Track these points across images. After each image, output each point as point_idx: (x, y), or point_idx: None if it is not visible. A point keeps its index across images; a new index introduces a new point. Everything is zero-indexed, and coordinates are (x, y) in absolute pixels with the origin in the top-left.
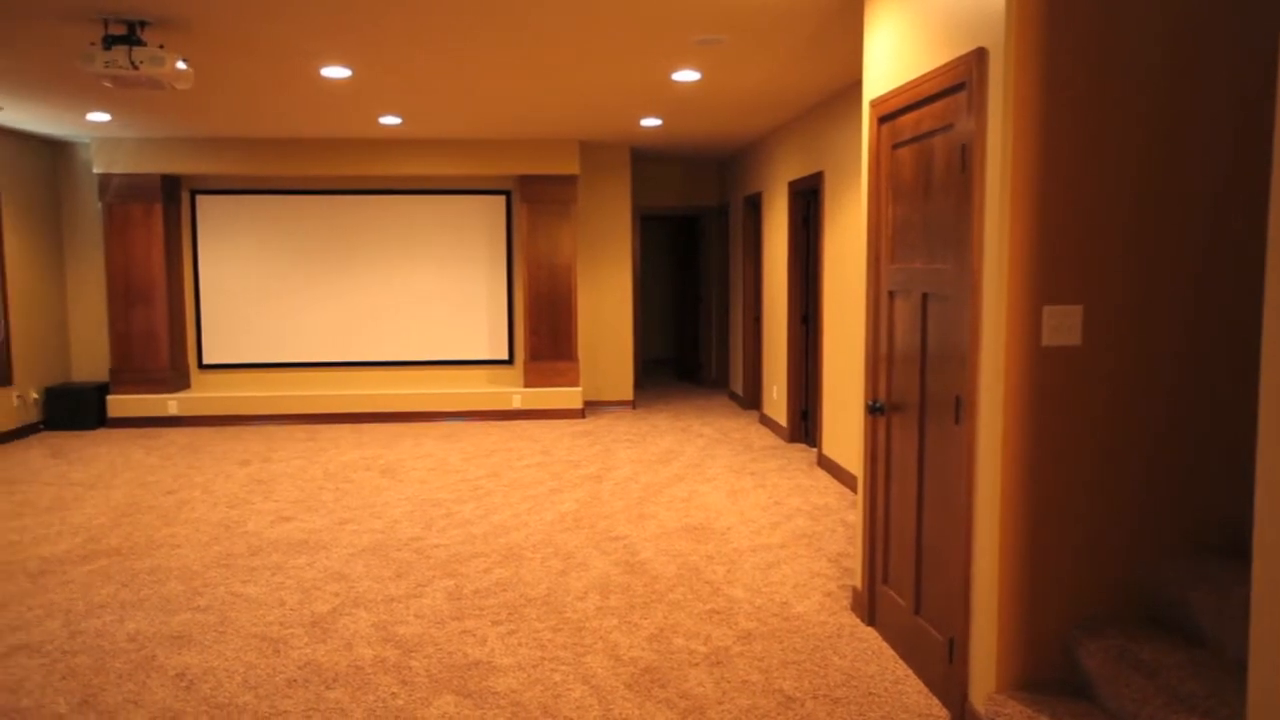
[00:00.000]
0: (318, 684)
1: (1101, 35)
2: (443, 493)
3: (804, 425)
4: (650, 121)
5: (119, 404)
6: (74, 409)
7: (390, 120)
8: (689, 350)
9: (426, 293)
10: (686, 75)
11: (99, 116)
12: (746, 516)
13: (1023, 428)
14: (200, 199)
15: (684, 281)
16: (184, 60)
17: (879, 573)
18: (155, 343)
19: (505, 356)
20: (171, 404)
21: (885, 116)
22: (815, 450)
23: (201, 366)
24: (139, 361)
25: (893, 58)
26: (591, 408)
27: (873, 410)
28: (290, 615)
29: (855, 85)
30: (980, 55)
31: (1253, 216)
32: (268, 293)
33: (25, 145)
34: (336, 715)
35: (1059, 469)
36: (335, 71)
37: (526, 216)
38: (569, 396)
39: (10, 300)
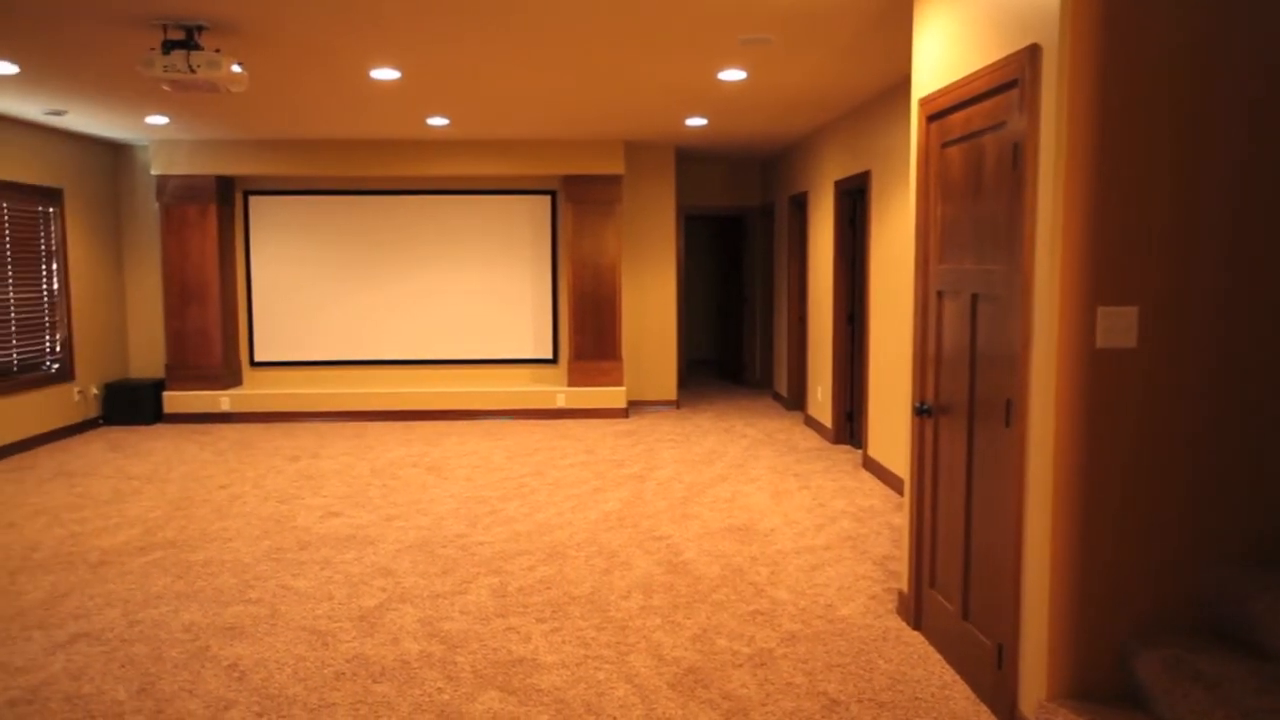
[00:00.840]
0: (365, 677)
1: (1159, 30)
2: (488, 490)
3: (849, 427)
4: (695, 121)
5: (174, 400)
6: (132, 404)
7: (438, 121)
8: (732, 350)
9: (472, 292)
10: (732, 75)
11: (157, 119)
12: (790, 518)
13: (1075, 431)
14: (253, 200)
15: (728, 281)
16: (239, 64)
17: (925, 576)
18: (209, 340)
19: (550, 356)
20: (224, 400)
21: (934, 115)
22: (860, 452)
23: (253, 364)
24: (193, 359)
25: (942, 55)
26: (635, 407)
27: (920, 412)
28: (338, 609)
29: (903, 83)
30: (1033, 52)
31: None
32: (317, 292)
33: (87, 148)
34: (383, 709)
35: (1112, 474)
36: (384, 74)
37: (571, 216)
38: (613, 396)
39: (73, 299)
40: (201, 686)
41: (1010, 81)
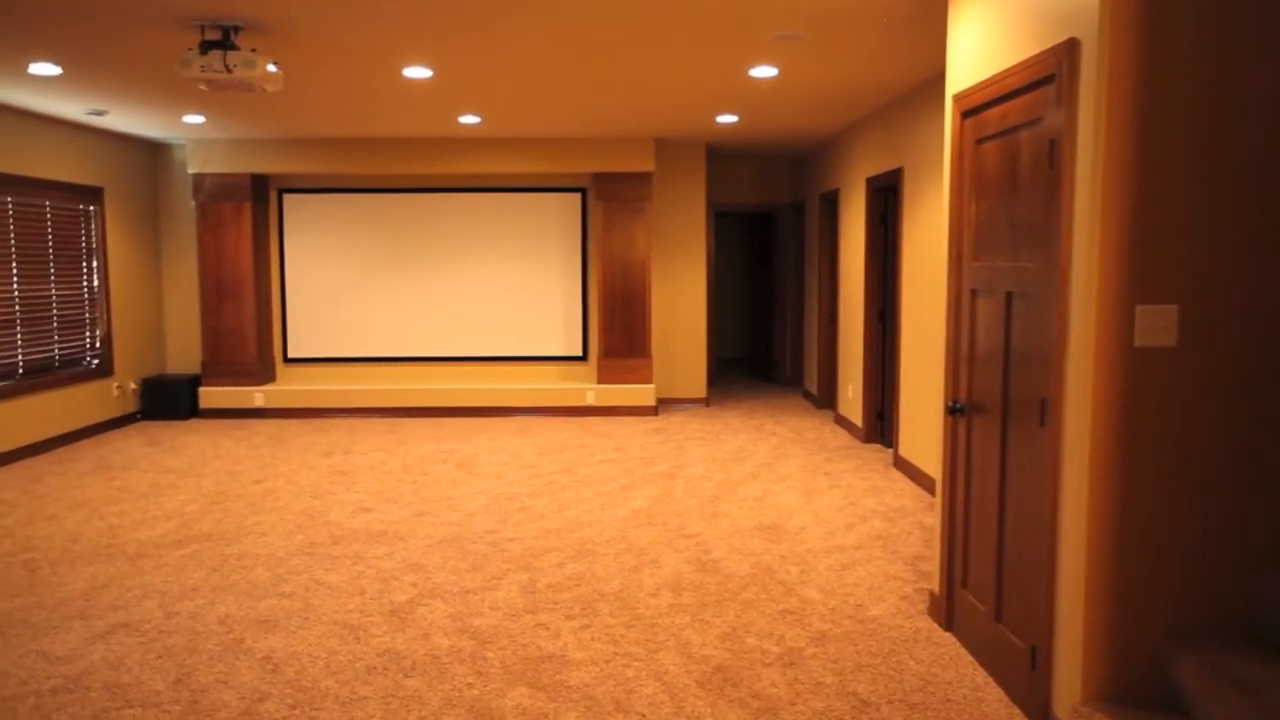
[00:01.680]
0: (396, 672)
1: (1200, 24)
2: (517, 487)
3: (880, 425)
4: (726, 118)
5: (209, 395)
6: (168, 399)
7: (469, 119)
8: (762, 348)
9: (503, 289)
10: (764, 71)
11: (194, 119)
12: (821, 517)
13: (1112, 431)
14: (287, 197)
15: (758, 279)
16: (274, 63)
17: (958, 577)
18: (243, 337)
19: (579, 353)
20: (258, 396)
21: (969, 111)
22: (891, 451)
23: (286, 360)
24: (228, 355)
25: (978, 50)
26: (664, 405)
27: (953, 411)
28: (370, 604)
29: (936, 79)
30: (1071, 46)
31: None
32: (350, 289)
33: (126, 147)
34: (414, 703)
35: (1150, 475)
36: (417, 72)
37: (602, 214)
38: (642, 393)
39: (112, 296)
40: (236, 678)
41: (1047, 76)
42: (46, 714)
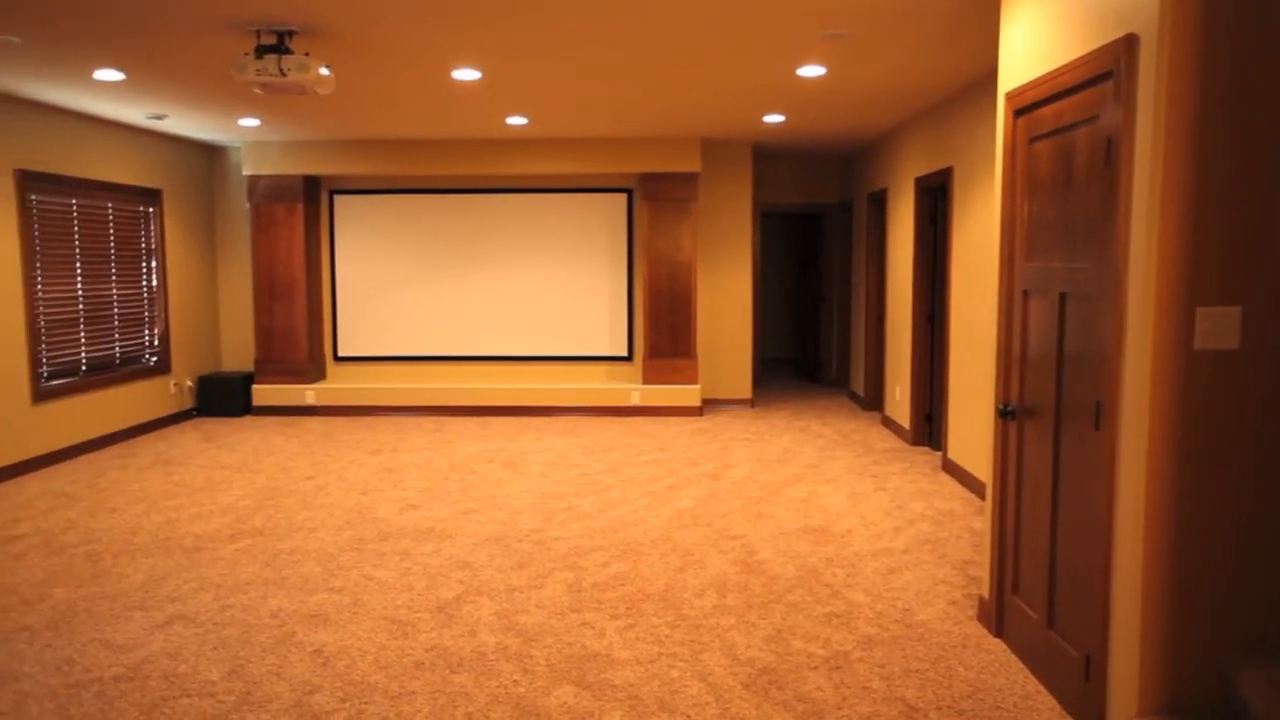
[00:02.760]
0: (443, 668)
1: (1264, 18)
2: (563, 486)
3: (928, 428)
4: (773, 118)
5: (262, 393)
6: (223, 397)
7: (517, 120)
8: (808, 349)
9: (549, 289)
10: (811, 71)
11: (249, 122)
12: (867, 520)
13: (1170, 435)
14: (338, 198)
15: (804, 279)
16: (327, 66)
17: (1008, 582)
18: (295, 336)
19: (625, 353)
20: (309, 394)
21: (1022, 109)
22: (939, 454)
23: (337, 359)
24: (280, 353)
25: (1031, 48)
26: (709, 405)
27: (1004, 414)
28: (418, 600)
29: (987, 78)
30: (1130, 42)
31: None
32: (399, 288)
33: (184, 150)
34: (461, 699)
35: (1209, 481)
36: (466, 74)
37: (647, 214)
38: (687, 394)
39: (170, 295)
40: (288, 670)
41: (1104, 73)
42: (110, 700)
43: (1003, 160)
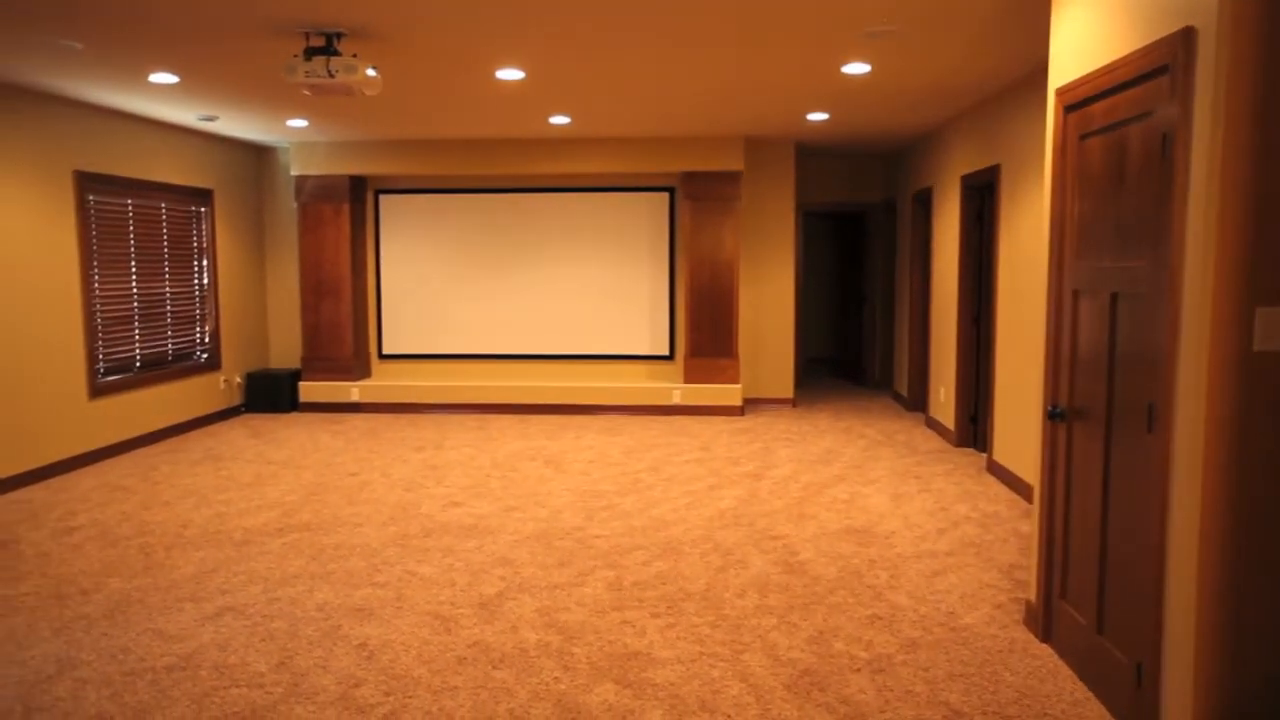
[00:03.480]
0: (485, 664)
1: None
2: (604, 484)
3: (973, 429)
4: (817, 116)
5: (309, 390)
6: (271, 393)
7: (560, 120)
8: (851, 349)
9: (591, 288)
10: (856, 68)
11: (297, 123)
12: (911, 521)
13: (1227, 439)
14: (383, 198)
15: (846, 279)
16: (373, 68)
17: (1056, 587)
18: (341, 333)
19: (666, 352)
20: (354, 391)
21: (1073, 105)
22: (985, 455)
23: (381, 356)
24: (326, 351)
25: (1083, 42)
26: (751, 405)
27: (1052, 416)
28: (460, 596)
29: (1035, 73)
30: (1187, 35)
31: None
32: (442, 287)
33: (234, 151)
34: (503, 695)
35: (1268, 486)
36: (509, 74)
37: (690, 213)
38: (728, 393)
39: (220, 293)
40: (334, 663)
41: (1160, 67)
42: (163, 690)
43: (1053, 157)
